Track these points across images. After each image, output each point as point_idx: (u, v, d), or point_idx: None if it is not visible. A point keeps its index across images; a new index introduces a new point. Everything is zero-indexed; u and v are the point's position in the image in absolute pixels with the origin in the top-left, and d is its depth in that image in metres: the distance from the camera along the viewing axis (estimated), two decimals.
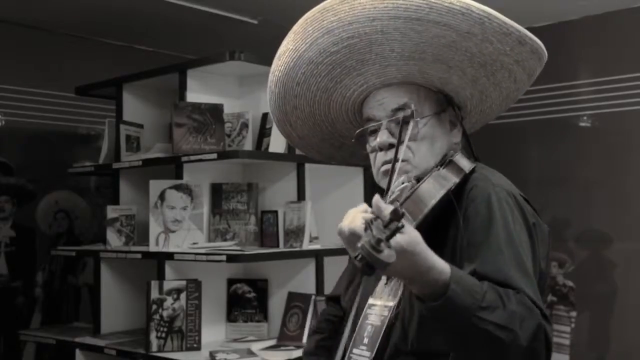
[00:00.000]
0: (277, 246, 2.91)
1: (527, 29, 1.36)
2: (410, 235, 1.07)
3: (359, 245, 1.00)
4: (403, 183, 1.29)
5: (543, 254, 1.34)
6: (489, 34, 1.30)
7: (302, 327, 2.77)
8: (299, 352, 2.67)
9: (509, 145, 4.20)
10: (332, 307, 1.67)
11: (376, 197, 1.09)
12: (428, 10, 1.26)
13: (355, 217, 1.12)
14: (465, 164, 1.34)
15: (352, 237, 1.11)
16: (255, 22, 4.14)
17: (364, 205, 1.15)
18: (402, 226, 1.01)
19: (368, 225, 1.03)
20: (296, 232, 2.88)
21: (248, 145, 3.02)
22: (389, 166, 1.37)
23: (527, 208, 1.34)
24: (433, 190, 1.24)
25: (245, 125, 3.05)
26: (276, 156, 2.92)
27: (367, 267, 0.99)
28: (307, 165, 2.99)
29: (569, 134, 4.31)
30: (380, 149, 1.40)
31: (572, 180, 4.24)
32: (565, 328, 4.22)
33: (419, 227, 1.17)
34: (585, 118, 4.29)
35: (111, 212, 3.11)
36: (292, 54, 1.41)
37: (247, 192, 3.01)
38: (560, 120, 4.32)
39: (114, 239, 3.09)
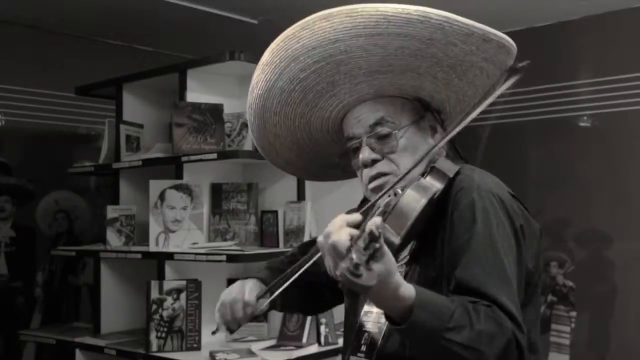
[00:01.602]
0: (277, 246, 2.91)
1: (528, 29, 1.36)
2: (384, 263, 1.06)
3: (338, 272, 1.01)
4: (389, 197, 1.30)
5: (532, 253, 1.34)
6: (451, 37, 1.31)
7: (302, 327, 2.77)
8: (299, 352, 2.67)
9: (509, 145, 4.20)
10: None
11: (355, 215, 1.13)
12: (387, 24, 1.28)
13: (342, 231, 1.10)
14: (449, 168, 1.34)
15: (333, 252, 1.10)
16: (255, 22, 4.14)
17: (343, 218, 1.14)
18: (380, 247, 1.01)
19: (351, 244, 1.04)
20: (296, 232, 2.88)
21: (248, 145, 3.02)
22: (375, 182, 1.39)
23: (514, 208, 1.34)
24: (414, 203, 1.23)
25: (245, 125, 3.04)
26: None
27: (349, 291, 1.01)
28: None
29: (569, 134, 4.31)
30: (365, 166, 1.41)
31: (572, 180, 4.24)
32: (565, 328, 4.22)
33: (404, 239, 1.19)
34: (585, 118, 4.29)
35: (111, 212, 3.11)
36: (264, 85, 1.43)
37: (247, 192, 3.01)
38: (560, 120, 4.32)
39: (114, 239, 3.09)
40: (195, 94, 3.06)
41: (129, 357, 2.84)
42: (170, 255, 2.80)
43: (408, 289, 1.12)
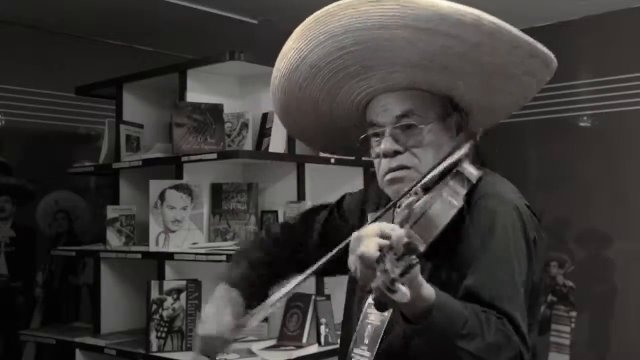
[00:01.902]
0: None
1: (528, 29, 1.36)
2: (415, 273, 1.05)
3: (374, 286, 0.99)
4: (410, 196, 1.27)
5: (540, 267, 1.34)
6: (498, 45, 1.28)
7: (302, 327, 2.77)
8: (299, 352, 2.67)
9: (509, 145, 4.20)
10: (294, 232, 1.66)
11: (391, 227, 1.08)
12: (439, 21, 1.24)
13: (370, 242, 1.06)
14: (473, 173, 1.31)
15: (365, 264, 1.06)
16: (255, 22, 4.14)
17: (378, 227, 1.10)
18: (417, 262, 1.00)
19: (382, 256, 1.01)
20: None
21: (248, 145, 3.02)
22: (394, 174, 1.36)
23: (529, 220, 1.33)
24: (444, 212, 1.20)
25: (245, 125, 3.05)
26: (276, 156, 2.92)
27: (381, 305, 1.00)
28: (307, 165, 2.99)
29: (569, 134, 4.31)
30: (385, 156, 1.37)
31: (572, 180, 4.24)
32: (565, 328, 4.22)
33: (429, 247, 1.17)
34: (585, 118, 4.29)
35: (111, 212, 3.11)
36: (296, 54, 1.39)
37: (247, 192, 3.01)
38: (560, 120, 4.32)
39: (114, 239, 3.09)
40: (195, 94, 3.05)
41: (129, 357, 2.84)
42: (170, 255, 2.80)
43: (429, 290, 1.11)
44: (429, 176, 1.28)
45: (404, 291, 0.97)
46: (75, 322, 3.78)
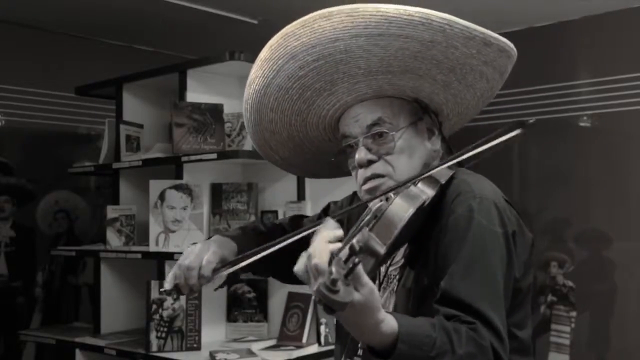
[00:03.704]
0: None
1: (528, 29, 1.36)
2: (365, 292, 1.02)
3: (314, 288, 0.97)
4: (381, 201, 1.27)
5: (522, 260, 1.33)
6: (452, 40, 1.30)
7: (302, 327, 2.77)
8: (299, 352, 2.67)
9: (509, 145, 4.20)
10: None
11: (334, 231, 1.09)
12: (387, 25, 1.27)
13: (323, 250, 1.05)
14: (442, 173, 1.31)
15: (317, 273, 1.04)
16: (255, 22, 4.14)
17: (332, 233, 1.10)
18: (359, 262, 0.97)
19: (330, 259, 1.00)
20: None
21: (248, 145, 3.02)
22: (370, 184, 1.38)
23: (508, 214, 1.33)
24: (401, 212, 1.19)
25: (245, 125, 3.04)
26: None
27: (327, 308, 0.96)
28: None
29: (569, 134, 4.31)
30: (360, 166, 1.40)
31: (572, 180, 4.24)
32: (565, 328, 4.22)
33: (390, 248, 1.16)
34: (585, 118, 4.29)
35: (111, 212, 3.11)
36: (262, 81, 1.42)
37: (247, 192, 3.02)
38: (560, 120, 4.32)
39: (114, 239, 3.09)
40: (195, 94, 3.06)
41: (129, 357, 2.84)
42: (170, 255, 2.80)
43: (390, 325, 1.09)
44: (403, 182, 1.28)
45: (345, 292, 0.95)
46: (75, 322, 3.78)
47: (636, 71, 4.03)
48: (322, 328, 2.77)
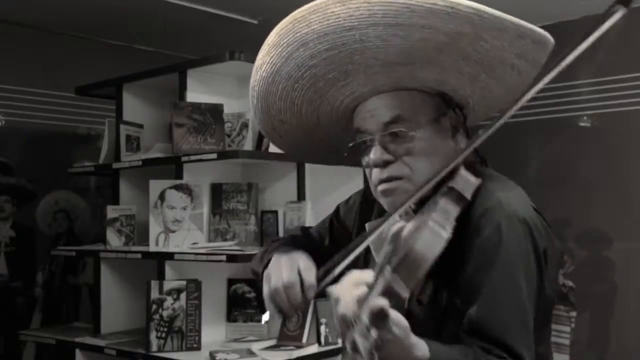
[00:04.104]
0: None
1: None
2: (397, 329, 0.97)
3: (345, 338, 0.97)
4: (400, 217, 1.18)
5: (552, 277, 1.26)
6: (481, 31, 1.18)
7: (302, 327, 2.77)
8: (299, 352, 2.67)
9: (509, 145, 4.20)
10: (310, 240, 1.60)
11: (365, 280, 1.02)
12: (409, 13, 1.14)
13: (349, 297, 1.00)
14: (468, 186, 1.20)
15: (343, 322, 1.01)
16: (255, 22, 4.14)
17: (359, 276, 1.05)
18: (387, 312, 0.93)
19: (358, 306, 0.97)
20: None
21: (248, 145, 3.02)
22: (386, 185, 1.27)
23: (539, 229, 1.23)
24: (429, 248, 1.09)
25: (245, 125, 3.05)
26: (276, 156, 2.91)
27: (360, 353, 0.96)
28: (307, 166, 2.99)
29: (569, 133, 4.31)
30: (375, 166, 1.28)
31: (572, 180, 4.24)
32: (565, 328, 4.22)
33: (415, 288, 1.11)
34: (585, 118, 4.29)
35: (111, 212, 3.11)
36: (270, 68, 1.29)
37: (247, 192, 3.01)
38: (560, 120, 4.32)
39: (114, 239, 3.09)
40: (195, 94, 3.06)
41: (129, 357, 2.84)
42: (170, 255, 2.80)
43: (422, 349, 1.04)
44: (424, 190, 1.15)
45: (380, 334, 0.93)
46: (75, 322, 3.78)
47: (636, 71, 4.04)
48: (322, 328, 2.76)
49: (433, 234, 1.11)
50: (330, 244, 1.58)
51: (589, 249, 4.24)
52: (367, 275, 1.05)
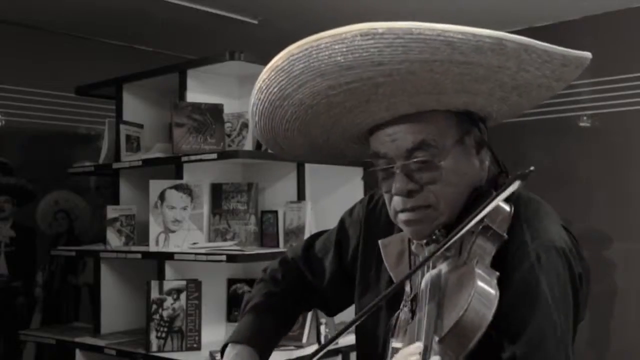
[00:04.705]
0: (277, 246, 2.91)
1: (527, 29, 1.33)
2: None
3: None
4: (434, 268, 1.14)
5: (585, 297, 1.24)
6: (525, 65, 1.11)
7: (302, 327, 2.77)
8: (299, 352, 2.67)
9: (509, 145, 4.20)
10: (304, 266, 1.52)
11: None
12: (450, 51, 1.04)
13: None
14: (504, 223, 1.15)
15: None
16: (255, 22, 4.14)
17: (413, 349, 1.05)
18: None
19: None
20: (296, 232, 2.88)
21: (248, 145, 3.02)
22: (410, 215, 1.19)
23: (574, 254, 1.20)
24: (478, 321, 1.04)
25: (245, 125, 3.05)
26: (276, 156, 2.91)
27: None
28: (307, 166, 2.99)
29: (569, 133, 4.31)
30: (399, 195, 1.19)
31: (573, 180, 4.24)
32: None
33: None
34: (585, 118, 4.29)
35: (111, 212, 3.11)
36: (278, 92, 1.19)
37: (247, 192, 3.01)
38: (560, 120, 4.32)
39: (114, 239, 3.09)
40: (195, 94, 3.06)
41: (129, 357, 2.84)
42: (170, 255, 2.80)
43: None
44: (456, 237, 1.09)
45: None
46: (75, 322, 3.78)
47: (636, 71, 4.04)
48: (322, 328, 2.77)
49: (481, 296, 1.05)
50: (332, 263, 1.51)
51: (589, 249, 4.23)
52: (416, 348, 1.03)
